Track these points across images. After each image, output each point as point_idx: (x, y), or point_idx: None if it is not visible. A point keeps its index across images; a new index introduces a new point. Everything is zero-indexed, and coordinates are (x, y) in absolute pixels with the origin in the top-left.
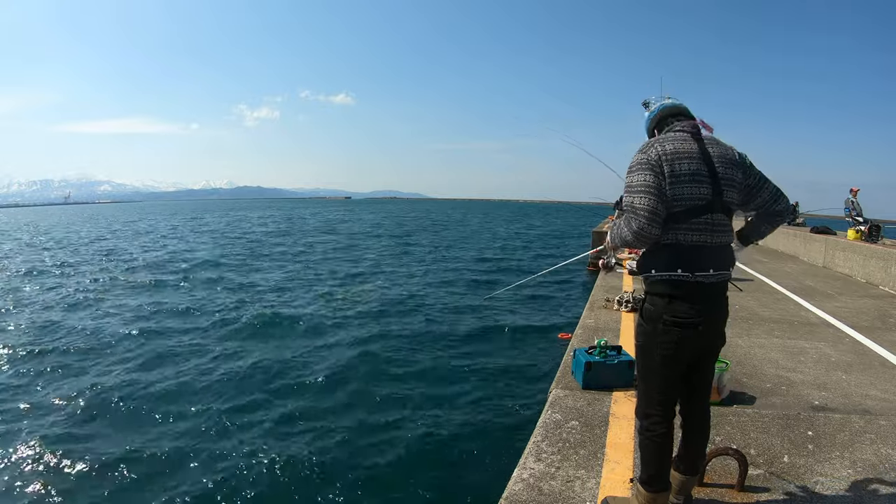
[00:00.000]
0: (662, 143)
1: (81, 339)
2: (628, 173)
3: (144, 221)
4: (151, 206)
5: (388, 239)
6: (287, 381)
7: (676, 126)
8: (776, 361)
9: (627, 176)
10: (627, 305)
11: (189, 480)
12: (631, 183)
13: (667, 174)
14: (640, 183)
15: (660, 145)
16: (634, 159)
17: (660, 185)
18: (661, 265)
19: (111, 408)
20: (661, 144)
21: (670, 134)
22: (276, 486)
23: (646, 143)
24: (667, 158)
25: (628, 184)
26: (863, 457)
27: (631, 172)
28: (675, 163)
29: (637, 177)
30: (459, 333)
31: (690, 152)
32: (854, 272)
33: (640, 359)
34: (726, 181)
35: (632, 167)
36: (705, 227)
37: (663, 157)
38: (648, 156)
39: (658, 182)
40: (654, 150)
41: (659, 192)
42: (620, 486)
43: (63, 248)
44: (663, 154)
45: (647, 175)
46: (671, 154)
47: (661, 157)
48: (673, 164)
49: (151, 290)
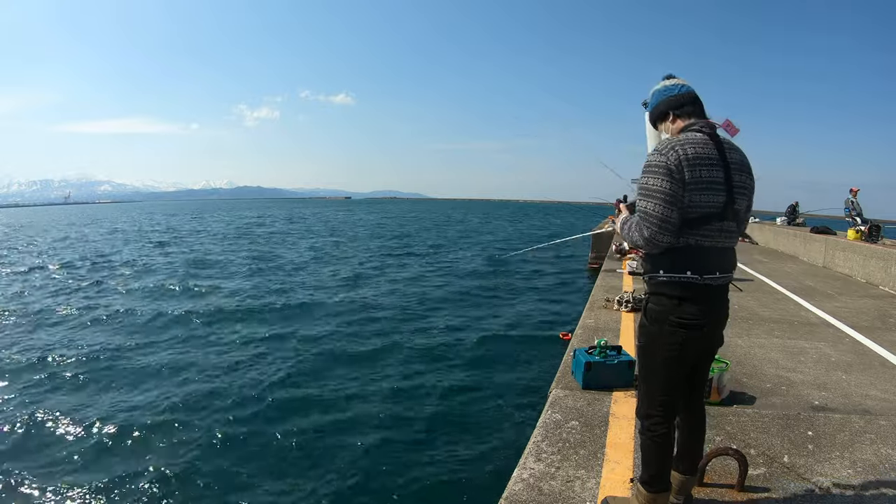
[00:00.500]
0: (683, 145)
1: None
2: (644, 172)
3: (177, 219)
4: (151, 205)
5: (389, 240)
6: (287, 382)
7: (695, 125)
8: (776, 361)
9: (643, 175)
10: (627, 305)
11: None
12: (646, 185)
13: (687, 180)
14: (655, 188)
15: (681, 148)
16: (652, 159)
17: (676, 192)
18: (670, 266)
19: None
20: (683, 147)
21: (690, 135)
22: (276, 486)
23: (665, 142)
24: (688, 163)
25: (643, 185)
26: (863, 457)
27: (648, 173)
28: (696, 169)
29: (653, 180)
30: (459, 333)
31: (711, 158)
32: (854, 272)
33: (643, 359)
34: (739, 189)
35: (649, 167)
36: (716, 233)
37: (684, 161)
38: (668, 159)
39: (675, 189)
40: (674, 154)
41: (674, 200)
42: (620, 486)
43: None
44: (684, 158)
45: (663, 181)
46: (693, 159)
47: (681, 161)
48: (693, 170)
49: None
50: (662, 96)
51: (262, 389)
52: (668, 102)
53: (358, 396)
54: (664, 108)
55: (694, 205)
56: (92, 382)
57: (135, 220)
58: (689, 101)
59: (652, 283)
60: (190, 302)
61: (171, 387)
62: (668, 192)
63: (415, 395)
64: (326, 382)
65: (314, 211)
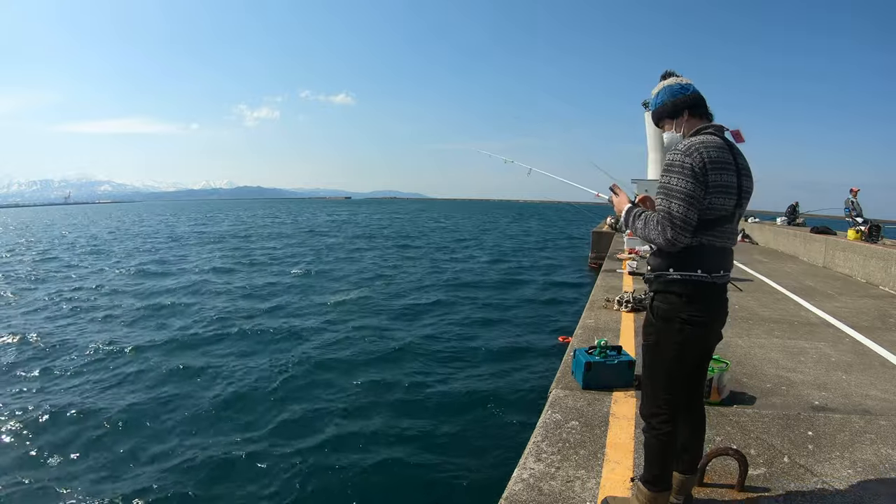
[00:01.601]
0: (708, 148)
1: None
2: (667, 172)
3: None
4: (151, 205)
5: (391, 240)
6: (287, 381)
7: (711, 128)
8: (776, 361)
9: (665, 175)
10: (627, 305)
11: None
12: (669, 184)
13: (709, 183)
14: (680, 189)
15: (705, 151)
16: (676, 159)
17: (699, 194)
18: (681, 265)
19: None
20: (707, 150)
21: (709, 138)
22: (275, 484)
23: (688, 143)
24: (712, 166)
25: (666, 184)
26: (863, 457)
27: (671, 173)
28: (717, 172)
29: (678, 180)
30: (459, 334)
31: (727, 163)
32: (854, 272)
33: (649, 357)
34: (745, 193)
35: (672, 166)
36: (725, 234)
37: (708, 164)
38: (693, 161)
39: (697, 191)
40: (698, 156)
41: (696, 202)
42: (620, 486)
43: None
44: (708, 161)
45: (688, 182)
46: (716, 163)
47: (705, 164)
48: (715, 173)
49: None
50: (678, 95)
51: (265, 388)
52: (685, 101)
53: (357, 397)
54: (681, 107)
55: (712, 207)
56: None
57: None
58: (703, 101)
59: (660, 281)
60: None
61: (170, 387)
62: (691, 194)
63: (414, 396)
64: (326, 384)
65: (315, 212)
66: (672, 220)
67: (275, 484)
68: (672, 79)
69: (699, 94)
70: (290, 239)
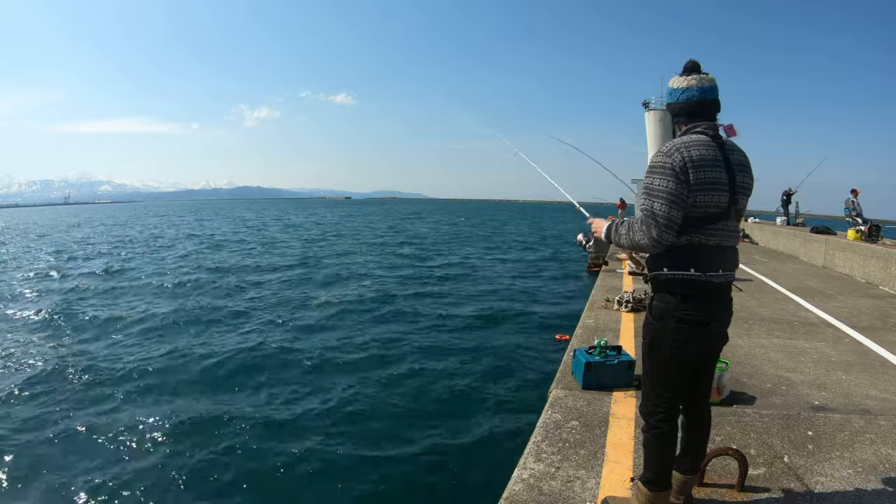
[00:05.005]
0: (688, 147)
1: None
2: (649, 173)
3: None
4: (152, 206)
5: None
6: (287, 381)
7: (699, 126)
8: (776, 361)
9: (648, 176)
10: (627, 305)
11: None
12: (651, 186)
13: (691, 181)
14: (662, 189)
15: (686, 150)
16: (657, 161)
17: (681, 193)
18: (674, 264)
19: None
20: (687, 150)
21: (694, 136)
22: (275, 485)
23: (670, 145)
24: (692, 165)
25: (648, 185)
26: (863, 457)
27: (653, 174)
28: (700, 171)
29: (659, 181)
30: (459, 334)
31: (714, 160)
32: (854, 272)
33: (648, 356)
34: (741, 189)
35: (653, 168)
36: (720, 232)
37: (689, 163)
38: (673, 161)
39: (680, 190)
40: (678, 156)
41: (679, 200)
42: (620, 486)
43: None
44: (689, 160)
45: (670, 182)
46: (697, 161)
47: (686, 163)
48: (698, 171)
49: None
50: (668, 100)
51: (264, 388)
52: (672, 107)
53: (357, 397)
54: (672, 111)
55: (699, 204)
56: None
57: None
58: (697, 106)
59: (656, 281)
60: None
61: (170, 393)
62: (674, 193)
63: (414, 396)
64: (324, 384)
65: (310, 212)
66: (655, 218)
67: (275, 483)
68: (674, 79)
69: (693, 101)
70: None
